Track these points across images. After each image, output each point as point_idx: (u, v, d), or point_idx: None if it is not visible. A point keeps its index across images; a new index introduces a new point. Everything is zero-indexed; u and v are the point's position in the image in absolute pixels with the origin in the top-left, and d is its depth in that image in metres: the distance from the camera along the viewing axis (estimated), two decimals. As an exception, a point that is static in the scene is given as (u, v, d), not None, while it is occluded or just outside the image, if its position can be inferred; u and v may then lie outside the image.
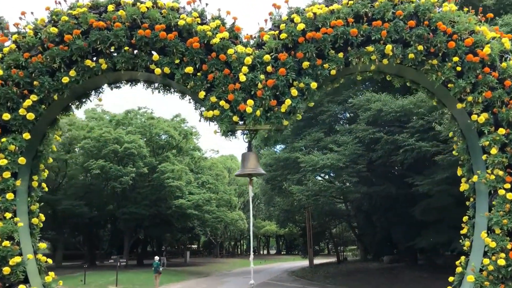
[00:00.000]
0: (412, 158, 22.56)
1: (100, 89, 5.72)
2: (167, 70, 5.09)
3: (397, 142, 22.62)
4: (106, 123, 46.45)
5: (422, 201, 24.55)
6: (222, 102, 4.94)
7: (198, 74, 5.09)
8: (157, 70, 5.08)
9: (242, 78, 4.99)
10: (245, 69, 5.06)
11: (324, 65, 5.26)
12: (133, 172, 42.26)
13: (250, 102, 4.91)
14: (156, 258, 29.52)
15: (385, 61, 5.36)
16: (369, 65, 5.40)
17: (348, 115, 30.99)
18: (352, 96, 25.12)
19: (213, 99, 4.95)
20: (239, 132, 5.18)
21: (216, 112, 4.92)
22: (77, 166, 46.71)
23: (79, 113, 50.16)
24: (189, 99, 5.55)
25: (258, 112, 4.90)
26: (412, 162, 23.11)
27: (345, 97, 27.00)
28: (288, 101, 4.98)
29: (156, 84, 5.64)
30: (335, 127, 28.79)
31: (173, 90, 5.60)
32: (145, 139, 47.00)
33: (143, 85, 5.65)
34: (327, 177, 30.80)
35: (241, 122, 5.05)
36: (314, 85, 5.13)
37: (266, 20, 5.57)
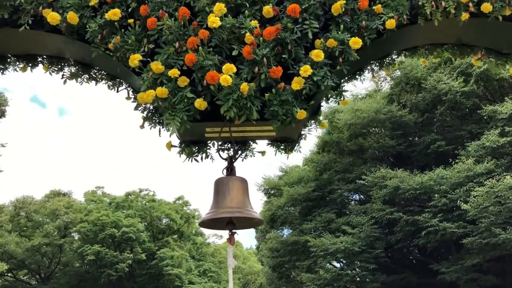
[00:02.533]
0: (436, 241, 20.40)
1: None
2: (73, 17, 2.64)
3: (418, 223, 20.55)
4: (106, 206, 44.57)
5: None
6: (173, 72, 2.47)
7: (130, 21, 2.67)
8: (52, 16, 2.63)
9: (214, 22, 2.53)
10: (220, 7, 2.58)
11: (374, 7, 2.73)
12: (129, 259, 39.67)
13: (229, 67, 2.45)
14: None
15: (486, 6, 2.69)
16: (456, 15, 2.74)
17: (359, 196, 28.87)
18: (366, 172, 23.21)
19: (157, 66, 2.48)
20: (212, 143, 2.99)
21: (162, 91, 2.45)
22: (72, 252, 44.07)
23: (79, 196, 48.53)
24: (127, 88, 3.10)
25: (244, 88, 2.42)
26: (436, 246, 20.73)
27: (357, 175, 25.07)
28: (306, 69, 2.50)
29: (70, 69, 3.17)
30: (348, 207, 26.56)
31: (94, 71, 3.18)
32: (145, 223, 44.80)
33: (48, 66, 3.13)
34: (339, 264, 27.95)
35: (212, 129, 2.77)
36: (355, 42, 2.61)
37: None
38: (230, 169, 2.97)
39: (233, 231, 2.95)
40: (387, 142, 24.15)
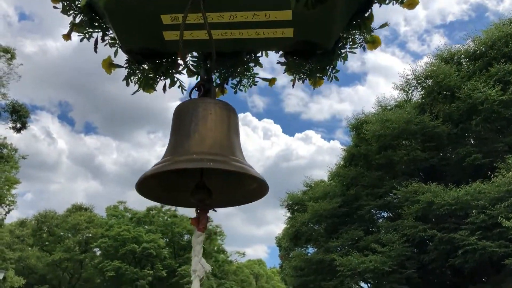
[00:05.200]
0: (475, 261, 18.57)
1: None
2: None
3: (454, 241, 18.87)
4: (127, 221, 43.99)
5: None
6: None
7: None
8: None
9: None
10: None
11: None
12: (150, 275, 38.80)
13: None
14: None
15: None
16: None
17: (387, 214, 27.25)
18: (396, 186, 21.76)
19: None
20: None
21: None
22: (93, 267, 43.47)
23: (100, 211, 48.20)
24: None
25: None
26: (474, 266, 18.97)
27: (386, 190, 23.63)
28: None
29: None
30: (377, 224, 25.03)
31: None
32: (166, 239, 44.01)
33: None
34: (367, 285, 26.31)
35: None
36: None
37: None
38: (204, 89, 1.66)
39: (206, 204, 1.61)
40: (418, 155, 22.67)
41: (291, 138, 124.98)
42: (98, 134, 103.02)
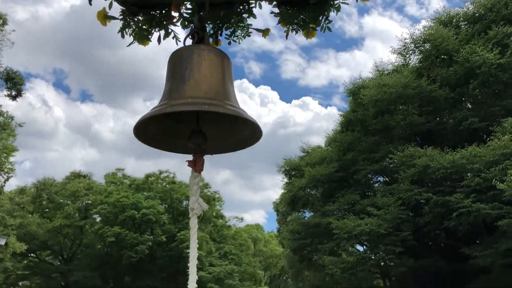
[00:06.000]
0: (469, 224, 18.92)
1: None
2: None
3: (449, 204, 19.14)
4: (126, 188, 44.32)
5: (479, 277, 20.40)
6: None
7: None
8: None
9: None
10: None
11: None
12: (150, 240, 39.41)
13: None
14: None
15: None
16: None
17: (383, 178, 27.45)
18: (393, 151, 21.89)
19: None
20: None
21: None
22: (93, 233, 44.07)
23: (99, 178, 48.40)
24: None
25: None
26: (468, 228, 19.33)
27: (382, 154, 23.76)
28: None
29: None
30: (373, 188, 25.33)
31: None
32: (165, 205, 44.49)
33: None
34: (362, 248, 26.74)
35: None
36: None
37: None
38: (198, 37, 1.70)
39: (202, 148, 1.65)
40: (415, 119, 22.71)
41: (288, 104, 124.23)
42: (94, 102, 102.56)
